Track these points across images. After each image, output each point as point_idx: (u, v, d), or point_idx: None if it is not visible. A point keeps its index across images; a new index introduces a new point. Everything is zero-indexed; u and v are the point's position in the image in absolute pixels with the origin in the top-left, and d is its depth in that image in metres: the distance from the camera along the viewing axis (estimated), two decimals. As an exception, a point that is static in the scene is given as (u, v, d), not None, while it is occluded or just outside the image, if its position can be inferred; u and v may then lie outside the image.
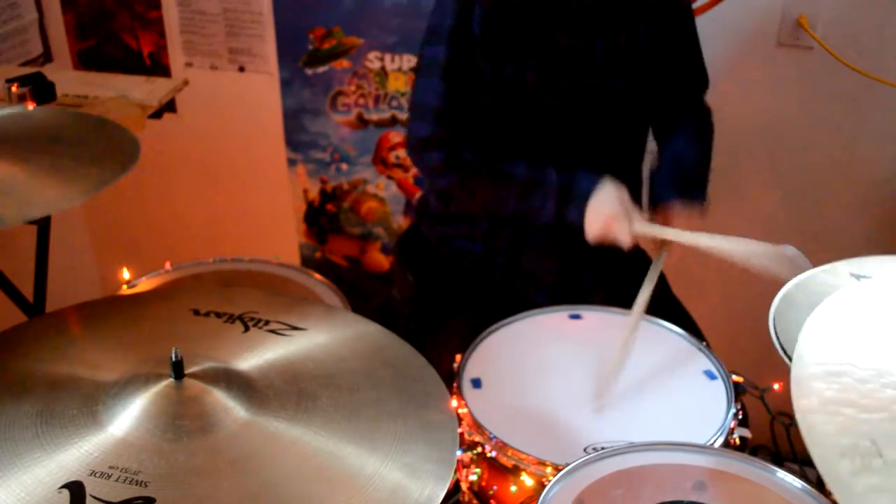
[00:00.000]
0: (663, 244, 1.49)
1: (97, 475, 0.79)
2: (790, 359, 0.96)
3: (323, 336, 1.05)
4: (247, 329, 1.04)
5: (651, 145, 1.71)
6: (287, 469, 0.82)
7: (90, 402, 0.88)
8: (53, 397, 0.89)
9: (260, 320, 1.06)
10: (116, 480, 0.78)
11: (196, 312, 1.07)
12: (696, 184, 1.59)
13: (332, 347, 1.04)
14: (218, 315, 1.06)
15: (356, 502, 0.80)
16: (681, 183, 1.56)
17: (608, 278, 1.65)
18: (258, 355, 0.99)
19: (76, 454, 0.81)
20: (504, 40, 1.47)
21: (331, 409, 0.91)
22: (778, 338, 1.17)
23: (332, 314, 1.17)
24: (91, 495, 0.77)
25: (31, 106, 1.48)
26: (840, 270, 1.23)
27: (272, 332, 1.04)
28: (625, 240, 1.43)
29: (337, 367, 0.99)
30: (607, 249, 1.47)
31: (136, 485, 0.78)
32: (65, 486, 0.77)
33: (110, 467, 0.80)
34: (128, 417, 0.86)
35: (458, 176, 1.55)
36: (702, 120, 1.69)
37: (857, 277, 1.20)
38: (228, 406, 0.88)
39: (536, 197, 1.49)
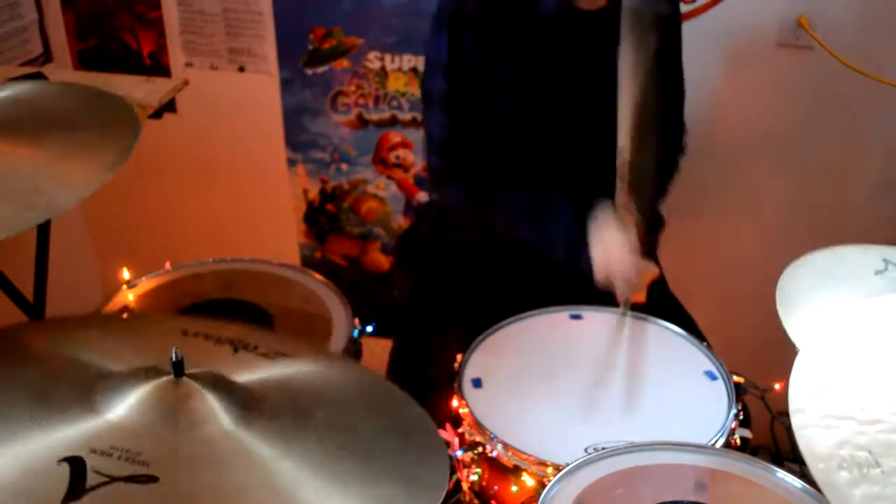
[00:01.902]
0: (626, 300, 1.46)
1: (98, 453, 0.78)
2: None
3: (312, 365, 1.05)
4: (236, 351, 1.04)
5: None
6: (260, 485, 0.81)
7: (88, 391, 0.87)
8: (49, 386, 0.88)
9: (248, 344, 1.06)
10: (118, 459, 0.78)
11: (185, 333, 1.07)
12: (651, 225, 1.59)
13: (323, 374, 1.04)
14: (206, 336, 1.06)
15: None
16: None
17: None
18: (251, 372, 0.99)
19: (73, 434, 0.81)
20: (497, 70, 1.48)
21: (319, 445, 0.90)
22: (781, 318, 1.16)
23: (318, 353, 1.17)
24: (92, 470, 0.76)
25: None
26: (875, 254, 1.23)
27: (262, 356, 1.04)
28: (630, 270, 1.41)
29: (328, 395, 0.99)
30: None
31: (138, 464, 0.78)
32: (64, 459, 0.77)
33: (111, 447, 0.79)
34: (125, 406, 0.85)
35: (477, 210, 1.56)
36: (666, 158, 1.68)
37: (886, 264, 1.19)
38: (221, 413, 0.87)
39: (549, 239, 1.50)
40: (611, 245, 1.42)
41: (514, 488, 1.16)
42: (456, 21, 1.47)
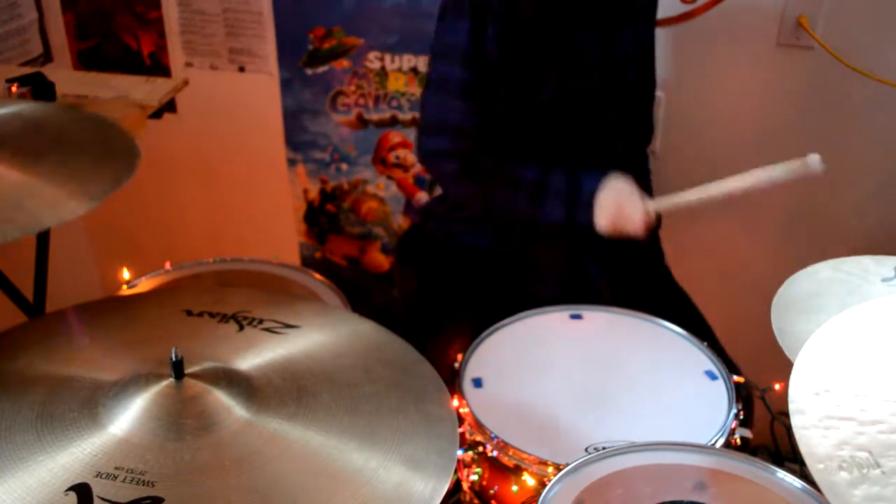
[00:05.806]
0: None
1: (103, 476, 0.79)
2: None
3: (318, 333, 1.05)
4: (241, 328, 1.04)
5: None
6: (292, 466, 0.82)
7: (90, 403, 0.88)
8: (53, 399, 0.89)
9: (253, 319, 1.05)
10: (123, 481, 0.78)
11: (189, 313, 1.07)
12: None
13: (327, 344, 1.04)
14: (211, 315, 1.06)
15: (362, 497, 0.80)
16: None
17: (614, 271, 1.66)
18: (255, 354, 0.99)
19: (80, 456, 0.81)
20: (521, 52, 1.47)
21: (331, 406, 0.91)
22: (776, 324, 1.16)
23: (325, 311, 1.17)
24: (98, 496, 0.76)
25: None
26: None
27: (267, 330, 1.04)
28: (638, 222, 1.47)
29: (334, 364, 0.99)
30: (612, 242, 1.48)
31: (143, 485, 0.78)
32: (71, 488, 0.77)
33: (115, 468, 0.80)
34: (129, 418, 0.86)
35: (473, 183, 1.57)
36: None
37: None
38: (229, 405, 0.88)
39: (546, 202, 1.50)
40: (619, 191, 1.48)
41: (514, 488, 1.16)
42: (479, 9, 1.46)
